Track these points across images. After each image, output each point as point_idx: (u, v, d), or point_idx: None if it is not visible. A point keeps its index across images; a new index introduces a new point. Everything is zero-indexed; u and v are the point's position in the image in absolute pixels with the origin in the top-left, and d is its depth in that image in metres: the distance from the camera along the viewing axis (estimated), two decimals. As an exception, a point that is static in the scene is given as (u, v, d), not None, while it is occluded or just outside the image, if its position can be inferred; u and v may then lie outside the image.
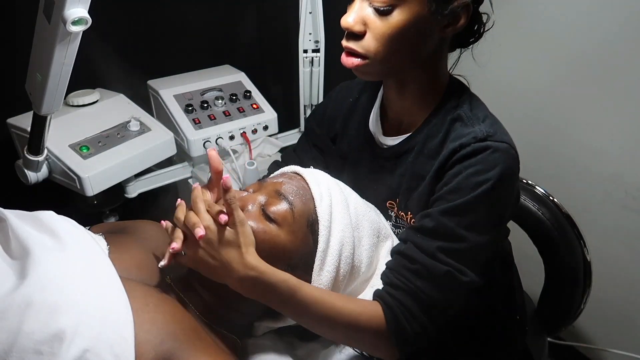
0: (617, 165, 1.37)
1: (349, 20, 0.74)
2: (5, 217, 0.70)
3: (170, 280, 0.78)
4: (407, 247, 0.76)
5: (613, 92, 1.33)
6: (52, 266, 0.62)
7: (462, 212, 0.73)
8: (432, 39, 0.76)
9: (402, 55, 0.76)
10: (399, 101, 0.85)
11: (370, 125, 0.93)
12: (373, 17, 0.73)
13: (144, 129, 1.26)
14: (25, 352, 0.55)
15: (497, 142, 0.75)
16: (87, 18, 0.74)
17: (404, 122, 0.87)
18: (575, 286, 1.08)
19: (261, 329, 0.83)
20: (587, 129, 1.40)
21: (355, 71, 0.79)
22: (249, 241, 0.69)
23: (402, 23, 0.72)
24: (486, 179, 0.73)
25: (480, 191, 0.72)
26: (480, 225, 0.74)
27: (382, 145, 0.89)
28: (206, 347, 0.67)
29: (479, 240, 0.74)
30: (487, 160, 0.73)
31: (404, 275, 0.74)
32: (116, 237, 0.82)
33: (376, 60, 0.75)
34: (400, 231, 0.88)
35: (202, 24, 1.53)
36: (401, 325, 0.71)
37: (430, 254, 0.73)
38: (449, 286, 0.73)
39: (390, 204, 0.89)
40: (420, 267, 0.73)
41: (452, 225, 0.73)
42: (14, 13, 1.20)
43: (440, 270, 0.72)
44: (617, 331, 1.50)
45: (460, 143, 0.75)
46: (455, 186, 0.74)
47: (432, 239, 0.74)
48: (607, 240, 1.43)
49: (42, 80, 0.84)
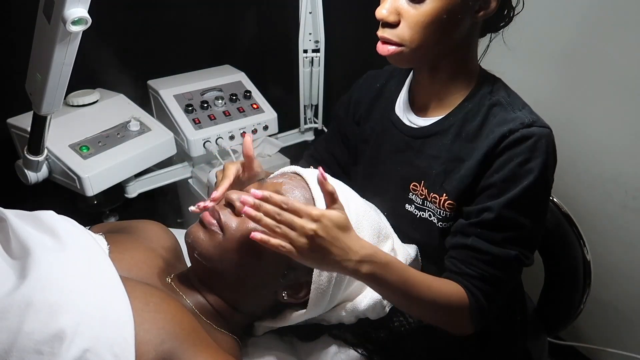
0: (617, 165, 1.37)
1: (383, 12, 0.77)
2: (6, 217, 0.70)
3: (170, 280, 0.78)
4: (472, 240, 0.79)
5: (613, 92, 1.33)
6: (52, 266, 0.62)
7: (521, 202, 0.77)
8: (464, 24, 0.78)
9: (436, 42, 0.77)
10: (430, 85, 0.87)
11: (397, 109, 0.94)
12: (407, 7, 0.75)
13: (144, 129, 1.26)
14: (26, 351, 0.55)
15: (542, 127, 0.78)
16: (87, 18, 0.74)
17: (432, 106, 0.88)
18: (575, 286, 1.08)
19: (261, 329, 0.83)
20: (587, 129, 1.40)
21: (390, 59, 0.80)
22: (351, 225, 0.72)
23: (435, 10, 0.74)
24: (537, 165, 0.76)
25: (533, 178, 0.76)
26: (538, 210, 0.80)
27: (412, 124, 0.90)
28: (206, 346, 0.67)
29: (538, 224, 0.80)
30: (537, 147, 0.77)
31: (476, 265, 0.79)
32: (116, 236, 0.82)
33: (411, 47, 0.77)
34: (424, 213, 0.87)
35: (202, 24, 1.53)
36: (481, 307, 0.78)
37: (497, 244, 0.78)
38: (518, 268, 0.81)
39: (414, 185, 0.88)
40: (491, 258, 0.78)
41: (514, 216, 0.77)
42: (13, 13, 1.20)
43: (510, 256, 0.78)
44: (617, 331, 1.50)
45: (510, 129, 0.77)
46: (509, 174, 0.77)
47: (497, 232, 0.78)
48: (607, 240, 1.43)
49: (42, 80, 0.84)
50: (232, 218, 0.75)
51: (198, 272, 0.78)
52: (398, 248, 0.86)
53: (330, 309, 0.81)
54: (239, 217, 0.75)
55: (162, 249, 0.86)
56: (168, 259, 0.84)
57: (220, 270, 0.74)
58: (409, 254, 0.88)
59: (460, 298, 0.78)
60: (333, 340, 0.83)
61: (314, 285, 0.75)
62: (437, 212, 0.85)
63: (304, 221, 0.66)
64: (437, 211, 0.85)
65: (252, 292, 0.78)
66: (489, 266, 0.78)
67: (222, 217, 0.75)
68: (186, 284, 0.78)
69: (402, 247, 0.88)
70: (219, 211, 0.76)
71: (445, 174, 0.84)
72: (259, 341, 0.83)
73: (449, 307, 0.77)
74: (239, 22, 1.59)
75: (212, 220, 0.75)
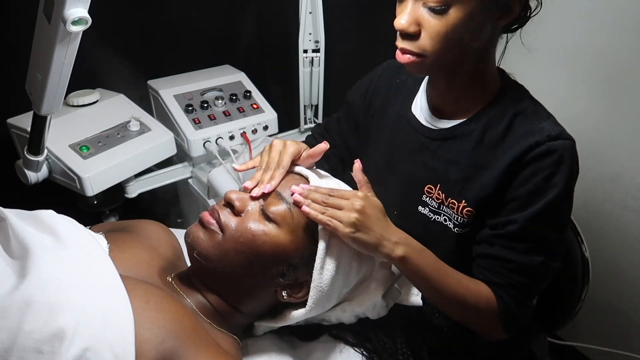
0: (617, 165, 1.37)
1: (403, 22, 0.74)
2: (5, 216, 0.70)
3: (171, 279, 0.78)
4: (497, 249, 0.81)
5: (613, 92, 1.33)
6: (52, 265, 0.62)
7: (545, 215, 0.77)
8: (486, 31, 0.76)
9: (458, 51, 0.76)
10: (447, 90, 0.85)
11: (414, 108, 0.92)
12: (427, 17, 0.72)
13: (144, 129, 1.26)
14: (26, 351, 0.55)
15: (567, 140, 0.78)
16: (87, 18, 0.74)
17: (449, 110, 0.86)
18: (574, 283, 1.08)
19: (261, 329, 0.83)
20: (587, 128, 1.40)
21: (409, 67, 0.79)
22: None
23: (457, 20, 0.71)
24: (562, 179, 0.77)
25: (558, 192, 0.76)
26: (562, 221, 0.82)
27: (431, 125, 0.88)
28: (207, 346, 0.67)
29: (561, 234, 0.82)
30: (562, 161, 0.76)
31: (502, 273, 0.80)
32: (116, 235, 0.81)
33: (432, 57, 0.75)
34: (440, 217, 0.87)
35: (202, 24, 1.53)
36: (512, 314, 0.80)
37: (522, 252, 0.79)
38: (544, 274, 0.81)
39: (429, 188, 0.88)
40: (516, 266, 0.79)
41: (538, 229, 0.78)
42: (13, 13, 1.20)
43: (535, 263, 0.79)
44: (617, 331, 1.50)
45: (536, 141, 0.77)
46: (534, 188, 0.77)
47: (521, 242, 0.79)
48: (607, 241, 1.43)
49: (42, 80, 0.84)
50: (232, 218, 0.75)
51: (198, 271, 0.78)
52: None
53: (330, 308, 0.81)
54: (239, 217, 0.75)
55: (163, 248, 0.86)
56: (168, 258, 0.84)
57: (220, 270, 0.74)
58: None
59: (489, 300, 0.80)
60: (333, 340, 0.83)
61: (314, 284, 0.75)
62: (455, 218, 0.84)
63: (352, 199, 0.74)
64: (454, 217, 0.85)
65: (251, 292, 0.77)
66: (515, 274, 0.79)
67: (222, 217, 0.75)
68: (186, 284, 0.78)
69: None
70: (218, 211, 0.76)
71: (465, 180, 0.83)
72: (259, 341, 0.83)
73: (478, 306, 0.79)
74: (239, 22, 1.59)
75: (211, 220, 0.75)
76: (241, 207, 0.76)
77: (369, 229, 0.74)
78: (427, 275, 0.77)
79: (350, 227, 0.72)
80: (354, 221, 0.72)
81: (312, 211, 0.73)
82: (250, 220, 0.75)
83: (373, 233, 0.74)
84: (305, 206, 0.74)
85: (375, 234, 0.74)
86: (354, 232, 0.73)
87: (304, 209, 0.74)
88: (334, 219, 0.73)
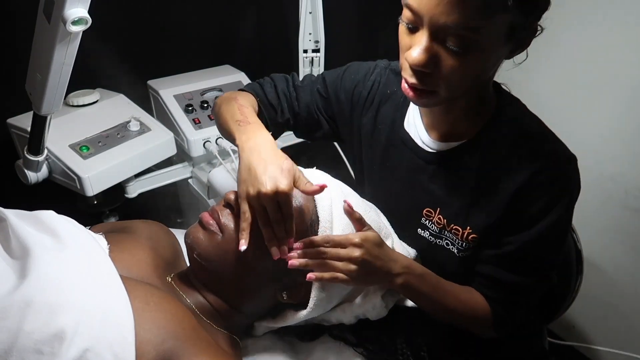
0: (617, 165, 1.37)
1: (421, 59, 0.67)
2: (6, 216, 0.70)
3: (171, 279, 0.78)
4: (495, 270, 0.82)
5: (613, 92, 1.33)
6: (52, 266, 0.62)
7: (543, 237, 0.78)
8: (498, 65, 0.74)
9: (467, 87, 0.72)
10: (445, 115, 0.81)
11: (407, 125, 0.88)
12: (445, 56, 0.66)
13: (144, 129, 1.26)
14: (26, 351, 0.55)
15: (570, 161, 0.78)
16: (87, 18, 0.74)
17: (445, 131, 0.83)
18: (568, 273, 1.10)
19: (261, 329, 0.83)
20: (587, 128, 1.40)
21: (416, 102, 0.76)
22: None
23: (475, 60, 0.67)
24: (564, 203, 0.77)
25: (557, 216, 0.77)
26: (559, 242, 0.82)
27: (427, 147, 0.84)
28: (207, 346, 0.67)
29: (559, 252, 0.83)
30: (566, 185, 0.77)
31: (498, 291, 0.82)
32: (116, 236, 0.81)
33: (445, 95, 0.71)
34: (441, 241, 0.86)
35: (202, 24, 1.53)
36: (504, 321, 0.83)
37: (518, 273, 0.80)
38: (540, 289, 0.83)
39: (428, 212, 0.86)
40: (512, 286, 0.81)
41: (535, 250, 0.79)
42: (13, 13, 1.20)
43: (531, 283, 0.81)
44: (617, 331, 1.50)
45: (541, 166, 0.75)
46: (536, 212, 0.77)
47: (518, 263, 0.80)
48: (607, 240, 1.43)
49: (42, 80, 0.84)
50: (231, 219, 0.75)
51: (198, 272, 0.78)
52: (397, 247, 0.86)
53: (330, 309, 0.81)
54: (238, 217, 0.75)
55: (162, 249, 0.85)
56: (168, 259, 0.84)
57: (219, 270, 0.74)
58: (409, 253, 0.88)
59: (484, 311, 0.83)
60: (333, 340, 0.83)
61: (314, 285, 0.75)
62: (458, 244, 0.84)
63: (349, 250, 0.72)
64: (457, 242, 0.84)
65: (251, 292, 0.78)
66: (511, 293, 0.82)
67: (222, 217, 0.75)
68: (186, 284, 0.78)
69: (402, 246, 0.88)
70: (218, 211, 0.76)
71: (470, 207, 0.81)
72: (259, 341, 0.83)
73: (475, 317, 0.83)
74: (239, 22, 1.59)
75: (211, 220, 0.75)
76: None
77: (373, 271, 0.75)
78: (427, 297, 0.80)
79: (355, 277, 0.73)
80: (354, 272, 0.73)
81: (317, 275, 0.72)
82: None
83: (378, 274, 0.75)
84: (310, 274, 0.72)
85: (376, 276, 0.76)
86: (360, 281, 0.75)
87: (309, 277, 0.72)
88: (338, 270, 0.73)
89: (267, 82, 1.00)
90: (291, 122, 0.99)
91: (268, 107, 0.97)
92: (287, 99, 0.98)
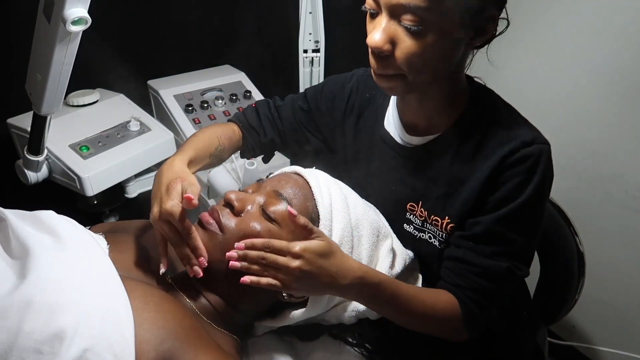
0: (617, 165, 1.37)
1: (377, 39, 0.70)
2: (6, 216, 0.70)
3: (170, 280, 0.78)
4: (464, 253, 0.80)
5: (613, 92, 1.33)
6: (52, 266, 0.62)
7: (511, 218, 0.77)
8: (459, 52, 0.74)
9: (431, 70, 0.74)
10: (419, 108, 0.83)
11: (386, 124, 0.90)
12: (402, 36, 0.69)
13: (144, 129, 1.26)
14: (26, 351, 0.55)
15: (542, 145, 0.77)
16: (87, 18, 0.74)
17: (422, 126, 0.85)
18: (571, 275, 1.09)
19: (261, 329, 0.83)
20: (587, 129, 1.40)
21: (389, 91, 0.79)
22: (336, 246, 0.73)
23: (432, 41, 0.69)
24: (533, 185, 0.76)
25: (526, 197, 0.76)
26: (530, 226, 0.80)
27: (404, 143, 0.87)
28: (206, 346, 0.67)
29: (530, 239, 0.80)
30: (534, 167, 0.76)
31: (467, 277, 0.80)
32: (116, 236, 0.81)
33: (411, 79, 0.73)
34: (424, 235, 0.87)
35: (202, 23, 1.53)
36: (474, 317, 0.80)
37: (487, 256, 0.79)
38: (509, 280, 0.80)
39: (411, 206, 0.87)
40: (481, 270, 0.79)
41: (503, 232, 0.78)
42: (13, 13, 1.20)
43: (500, 269, 0.78)
44: (617, 331, 1.50)
45: (510, 149, 0.76)
46: (505, 194, 0.77)
47: (487, 245, 0.79)
48: (607, 241, 1.43)
49: (42, 80, 0.84)
50: (231, 218, 0.75)
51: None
52: (397, 248, 0.86)
53: (330, 308, 0.81)
54: (238, 217, 0.75)
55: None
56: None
57: (219, 270, 0.74)
58: (408, 254, 0.88)
59: (452, 309, 0.79)
60: (333, 340, 0.83)
61: (314, 285, 0.75)
62: (439, 235, 0.84)
63: (287, 260, 0.69)
64: (438, 233, 0.84)
65: (251, 292, 0.77)
66: (480, 278, 0.79)
67: (222, 217, 0.75)
68: (186, 284, 0.78)
69: (401, 247, 0.88)
70: (218, 211, 0.76)
71: (447, 196, 0.83)
72: (259, 341, 0.83)
73: (442, 319, 0.79)
74: (239, 22, 1.59)
75: (211, 220, 0.75)
76: (241, 207, 0.76)
77: (315, 282, 0.70)
78: (387, 307, 0.77)
79: (293, 286, 0.70)
80: (292, 282, 0.70)
81: (252, 278, 0.69)
82: (251, 220, 0.75)
83: (321, 285, 0.71)
84: (244, 278, 0.69)
85: (323, 285, 0.71)
86: (299, 290, 0.71)
87: (243, 280, 0.69)
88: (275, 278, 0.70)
89: (249, 109, 1.06)
90: (277, 140, 1.04)
91: (250, 130, 1.02)
92: (269, 120, 1.03)
